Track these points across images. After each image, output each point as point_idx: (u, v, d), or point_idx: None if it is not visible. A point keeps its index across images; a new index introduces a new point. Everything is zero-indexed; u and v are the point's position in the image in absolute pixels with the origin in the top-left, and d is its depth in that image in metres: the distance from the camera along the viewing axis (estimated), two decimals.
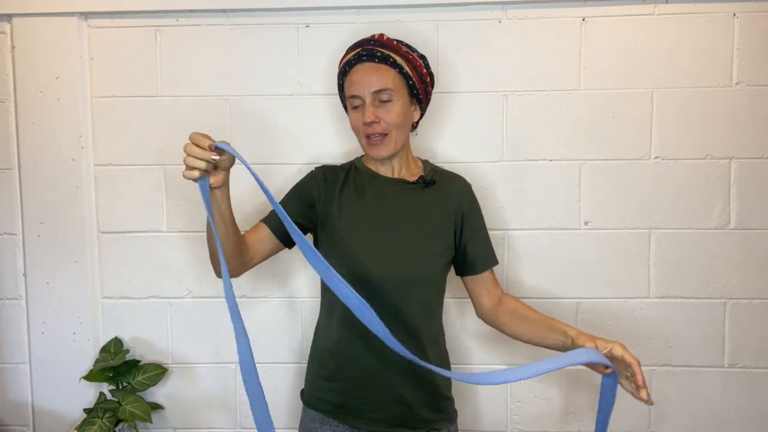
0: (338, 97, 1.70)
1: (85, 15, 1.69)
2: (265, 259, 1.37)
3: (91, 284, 1.72)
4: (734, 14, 1.62)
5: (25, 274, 1.73)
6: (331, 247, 1.33)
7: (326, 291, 1.38)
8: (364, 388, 1.30)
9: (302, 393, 1.43)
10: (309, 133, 1.70)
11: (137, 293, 1.75)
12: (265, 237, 1.34)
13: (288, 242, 1.37)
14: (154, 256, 1.74)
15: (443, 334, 1.43)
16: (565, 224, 1.68)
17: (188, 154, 1.05)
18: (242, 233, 1.30)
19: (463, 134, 1.68)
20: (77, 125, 1.69)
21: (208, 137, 1.06)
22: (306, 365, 1.44)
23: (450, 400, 1.39)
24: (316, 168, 1.45)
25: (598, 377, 1.71)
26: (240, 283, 1.72)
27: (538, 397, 1.73)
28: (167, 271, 1.74)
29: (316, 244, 1.39)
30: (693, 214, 1.66)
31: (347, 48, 1.39)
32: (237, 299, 1.18)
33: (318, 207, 1.36)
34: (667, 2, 1.63)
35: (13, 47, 1.69)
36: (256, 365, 1.13)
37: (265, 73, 1.69)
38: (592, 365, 1.14)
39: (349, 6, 1.65)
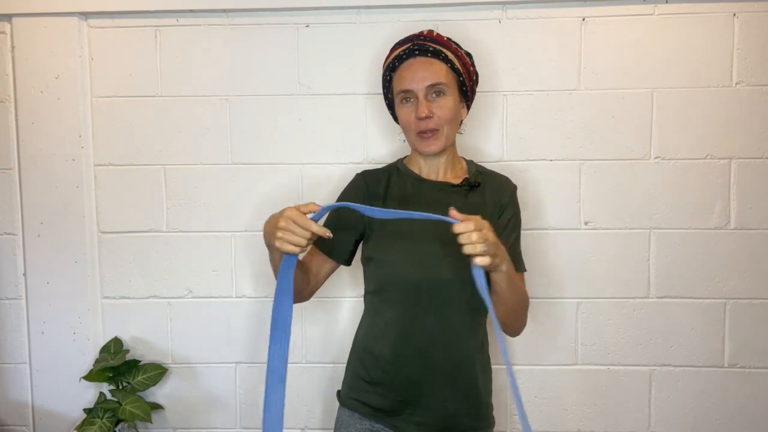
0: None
1: (85, 15, 1.69)
2: (327, 278, 1.39)
3: (91, 284, 1.72)
4: (734, 14, 1.62)
5: (25, 274, 1.73)
6: (378, 255, 1.30)
7: (369, 294, 1.35)
8: (407, 393, 1.27)
9: (338, 394, 1.39)
10: (309, 134, 1.70)
11: (137, 293, 1.75)
12: (323, 261, 1.35)
13: (345, 261, 1.37)
14: (154, 256, 1.74)
15: (488, 341, 1.38)
16: (565, 224, 1.68)
17: (292, 232, 1.05)
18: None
19: (463, 134, 1.67)
20: (77, 125, 1.69)
21: (306, 217, 1.06)
22: (345, 366, 1.41)
23: (491, 406, 1.36)
24: (357, 175, 1.41)
25: (598, 377, 1.72)
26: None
27: (538, 397, 1.73)
28: (167, 271, 1.74)
29: (364, 251, 1.36)
30: (693, 214, 1.66)
31: (394, 44, 1.36)
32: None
33: (364, 216, 1.31)
34: (667, 2, 1.63)
35: (13, 47, 1.69)
36: (292, 364, 1.09)
37: (265, 73, 1.69)
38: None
39: (349, 6, 1.65)
